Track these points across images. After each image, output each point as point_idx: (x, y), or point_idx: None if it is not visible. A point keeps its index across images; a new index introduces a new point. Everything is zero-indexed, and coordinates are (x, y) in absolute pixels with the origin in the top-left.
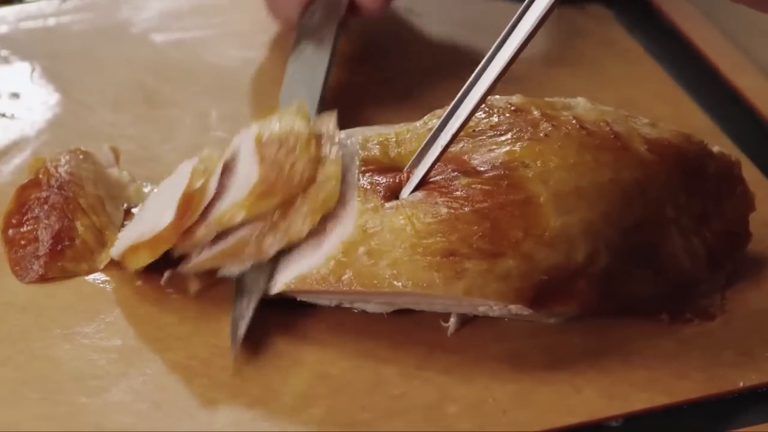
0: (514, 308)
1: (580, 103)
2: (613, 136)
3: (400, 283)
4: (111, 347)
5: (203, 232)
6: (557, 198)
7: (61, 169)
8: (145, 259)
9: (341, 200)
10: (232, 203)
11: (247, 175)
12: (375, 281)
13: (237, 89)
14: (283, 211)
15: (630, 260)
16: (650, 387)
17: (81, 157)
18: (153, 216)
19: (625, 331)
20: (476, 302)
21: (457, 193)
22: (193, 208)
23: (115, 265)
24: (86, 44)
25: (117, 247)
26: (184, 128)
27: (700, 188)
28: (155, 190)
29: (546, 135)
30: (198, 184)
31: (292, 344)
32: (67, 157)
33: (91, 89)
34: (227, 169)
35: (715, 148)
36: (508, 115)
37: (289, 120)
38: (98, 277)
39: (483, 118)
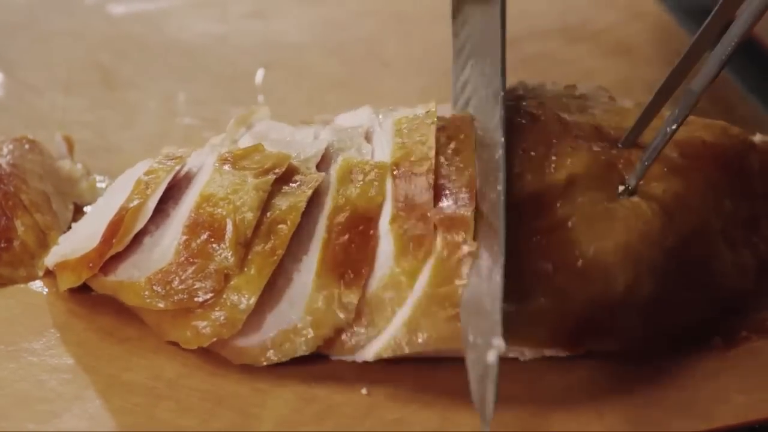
0: (549, 351)
1: (596, 98)
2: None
3: (420, 340)
4: (63, 366)
5: (108, 283)
6: (587, 221)
7: (2, 160)
8: (70, 281)
9: None
10: (131, 281)
11: (173, 234)
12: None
13: (207, 69)
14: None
15: (677, 284)
16: (685, 412)
17: (27, 146)
18: (91, 227)
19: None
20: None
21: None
22: (121, 233)
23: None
24: (32, 16)
25: (51, 256)
26: (147, 114)
27: (745, 188)
28: (109, 189)
29: (572, 149)
30: (133, 203)
31: None
32: (11, 147)
33: (39, 68)
34: (178, 185)
35: (757, 137)
36: (523, 122)
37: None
38: (48, 285)
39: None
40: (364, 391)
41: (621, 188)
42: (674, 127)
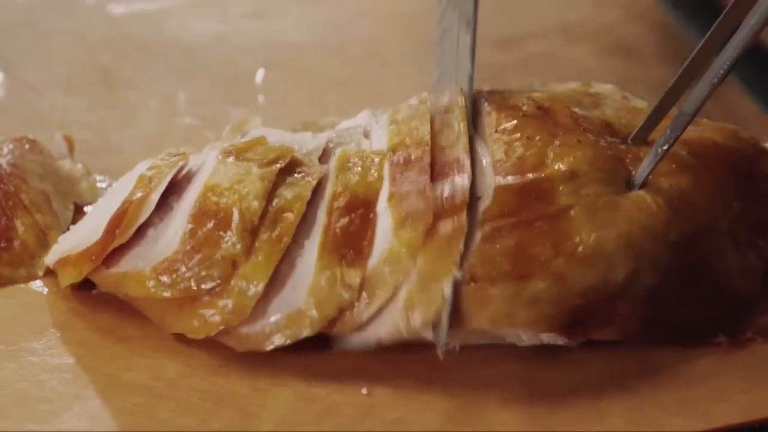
0: (546, 337)
1: (609, 96)
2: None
3: (417, 315)
4: (63, 366)
5: (111, 275)
6: (590, 210)
7: (2, 160)
8: (71, 276)
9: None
10: (136, 271)
11: (178, 225)
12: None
13: (208, 68)
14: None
15: (679, 279)
16: (684, 411)
17: (27, 146)
18: (92, 224)
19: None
20: (503, 332)
21: (475, 207)
22: (124, 225)
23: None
24: (32, 16)
25: (52, 255)
26: (147, 114)
27: (753, 191)
28: (109, 189)
29: (579, 141)
30: (137, 196)
31: (271, 361)
32: (11, 146)
33: (39, 68)
34: (179, 183)
35: None
36: (533, 115)
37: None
38: (48, 284)
39: (504, 119)
40: (364, 391)
41: (627, 183)
42: (665, 147)
